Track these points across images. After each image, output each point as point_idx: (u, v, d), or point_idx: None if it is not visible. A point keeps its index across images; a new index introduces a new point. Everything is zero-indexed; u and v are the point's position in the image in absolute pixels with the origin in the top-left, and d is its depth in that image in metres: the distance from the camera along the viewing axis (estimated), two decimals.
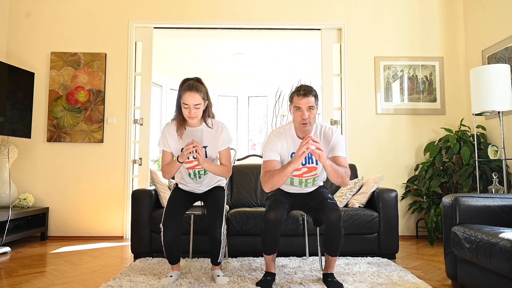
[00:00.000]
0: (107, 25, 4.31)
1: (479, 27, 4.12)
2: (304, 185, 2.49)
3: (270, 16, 4.36)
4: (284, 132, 2.44)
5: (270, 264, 2.43)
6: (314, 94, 2.34)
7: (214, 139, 2.52)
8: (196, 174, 2.57)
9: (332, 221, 2.24)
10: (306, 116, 2.29)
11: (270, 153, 2.40)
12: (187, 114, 2.41)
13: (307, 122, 2.30)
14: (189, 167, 2.55)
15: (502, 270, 1.81)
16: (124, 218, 4.14)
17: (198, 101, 2.39)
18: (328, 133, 2.42)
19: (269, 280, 2.35)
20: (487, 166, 3.71)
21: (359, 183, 3.42)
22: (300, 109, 2.31)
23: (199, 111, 2.43)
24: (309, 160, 2.41)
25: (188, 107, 2.39)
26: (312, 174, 2.45)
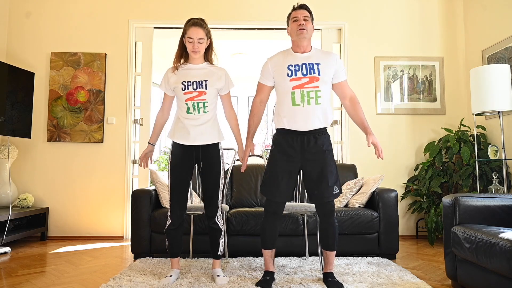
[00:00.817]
0: (107, 25, 4.31)
1: (479, 27, 4.12)
2: (307, 101, 2.32)
3: (270, 16, 4.36)
4: (280, 53, 2.49)
5: (269, 262, 2.44)
6: (309, 10, 2.42)
7: (216, 76, 2.55)
8: (195, 106, 2.48)
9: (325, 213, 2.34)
10: (303, 23, 2.35)
11: (262, 77, 2.51)
12: (191, 48, 2.46)
13: (304, 28, 2.34)
14: (188, 98, 2.47)
15: (502, 270, 1.81)
16: (124, 218, 4.14)
17: (202, 36, 2.46)
18: (330, 55, 2.44)
19: (268, 279, 2.35)
20: (487, 166, 3.71)
21: (359, 183, 3.42)
22: (297, 19, 2.37)
23: (202, 46, 2.49)
24: (310, 70, 2.35)
25: (192, 40, 2.45)
26: (314, 85, 2.33)
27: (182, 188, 2.47)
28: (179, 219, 2.47)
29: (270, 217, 2.37)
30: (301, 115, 2.33)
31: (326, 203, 2.33)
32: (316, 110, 2.33)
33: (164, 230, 2.50)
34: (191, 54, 2.51)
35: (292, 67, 2.36)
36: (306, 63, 2.36)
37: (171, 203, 2.47)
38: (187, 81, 2.49)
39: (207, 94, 2.48)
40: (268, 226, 2.39)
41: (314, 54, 2.41)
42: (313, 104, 2.32)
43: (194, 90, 2.48)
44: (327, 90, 2.40)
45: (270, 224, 2.38)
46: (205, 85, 2.49)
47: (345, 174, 3.66)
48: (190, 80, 2.49)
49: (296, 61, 2.38)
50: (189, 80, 2.49)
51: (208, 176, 2.50)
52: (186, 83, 2.48)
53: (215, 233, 2.49)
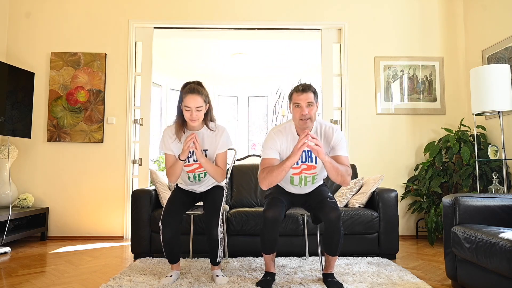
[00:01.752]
0: (107, 25, 4.31)
1: (479, 27, 4.12)
2: (304, 183, 2.47)
3: (270, 16, 4.36)
4: (284, 130, 2.42)
5: (270, 264, 2.43)
6: (313, 91, 2.33)
7: (215, 142, 2.52)
8: (196, 177, 2.58)
9: (331, 220, 2.24)
10: (306, 112, 2.28)
11: (269, 151, 2.38)
12: (189, 116, 2.41)
13: (307, 119, 2.29)
14: (189, 170, 2.55)
15: (502, 270, 1.81)
16: (124, 218, 4.14)
17: (200, 104, 2.39)
18: (328, 132, 2.40)
19: (269, 280, 2.35)
20: (487, 166, 3.71)
21: (359, 183, 3.42)
22: (299, 106, 2.30)
23: (201, 113, 2.43)
24: (309, 158, 2.40)
25: (190, 109, 2.39)
26: (312, 172, 2.43)
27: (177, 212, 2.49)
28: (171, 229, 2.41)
29: (270, 225, 2.30)
30: (298, 190, 2.54)
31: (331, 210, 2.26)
32: (313, 186, 2.54)
33: (161, 239, 2.43)
34: (189, 122, 2.46)
35: None
36: (305, 149, 2.33)
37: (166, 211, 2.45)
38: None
39: None
40: (267, 234, 2.32)
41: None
42: (310, 184, 2.51)
43: (195, 162, 2.52)
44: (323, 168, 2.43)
45: (269, 231, 2.31)
46: (205, 155, 2.51)
47: None
48: (190, 151, 2.45)
49: None
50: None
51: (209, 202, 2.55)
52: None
53: (213, 244, 2.45)
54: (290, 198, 2.52)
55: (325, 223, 2.29)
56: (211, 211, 2.47)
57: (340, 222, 2.27)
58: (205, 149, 2.52)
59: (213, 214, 2.44)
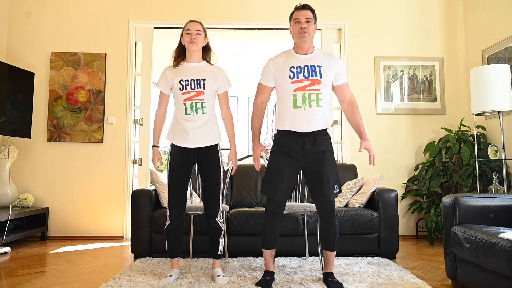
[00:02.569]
0: (107, 25, 4.31)
1: (479, 27, 4.12)
2: (308, 103, 2.33)
3: (270, 16, 4.36)
4: (281, 53, 2.48)
5: (269, 262, 2.44)
6: (312, 10, 2.41)
7: (214, 75, 2.54)
8: (193, 107, 2.47)
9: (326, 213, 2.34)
10: (304, 26, 2.34)
11: (263, 78, 2.50)
12: (189, 40, 2.47)
13: (305, 32, 2.34)
14: (186, 98, 2.46)
15: (502, 270, 1.81)
16: (124, 218, 4.14)
17: (199, 28, 2.50)
18: (331, 57, 2.43)
19: (268, 279, 2.35)
20: (487, 166, 3.71)
21: (359, 183, 3.42)
22: (299, 21, 2.37)
23: (200, 38, 2.49)
24: (312, 73, 2.36)
25: (190, 32, 2.47)
26: (315, 88, 2.34)
27: (180, 189, 2.47)
28: (178, 219, 2.46)
29: (270, 218, 2.38)
30: (302, 117, 2.34)
31: (327, 203, 2.34)
32: (317, 112, 2.35)
33: (164, 230, 2.50)
34: (189, 47, 2.49)
35: (294, 69, 2.36)
36: (308, 65, 2.36)
37: (170, 203, 2.47)
38: (185, 79, 2.47)
39: (205, 94, 2.47)
40: (268, 226, 2.39)
41: (316, 55, 2.40)
42: (314, 106, 2.34)
43: (192, 90, 2.47)
44: (328, 92, 2.41)
45: (270, 224, 2.38)
46: (203, 84, 2.48)
47: (345, 174, 3.66)
48: (187, 79, 2.47)
49: (298, 63, 2.37)
50: (186, 78, 2.47)
51: (208, 177, 2.50)
52: (184, 82, 2.46)
53: (215, 233, 2.49)
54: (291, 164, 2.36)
55: (320, 217, 2.39)
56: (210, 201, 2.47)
57: (334, 216, 2.36)
58: (203, 79, 2.49)
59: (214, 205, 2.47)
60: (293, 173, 2.36)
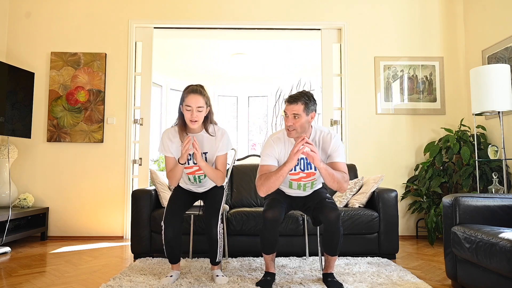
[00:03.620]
0: (107, 25, 4.31)
1: (479, 27, 4.12)
2: (303, 189, 2.51)
3: (270, 16, 4.36)
4: (283, 137, 2.43)
5: (270, 264, 2.43)
6: (304, 101, 2.27)
7: (215, 144, 2.51)
8: (196, 178, 2.58)
9: (331, 221, 2.25)
10: (290, 123, 2.29)
11: (267, 158, 2.39)
12: (189, 117, 2.38)
13: (292, 130, 2.31)
14: (189, 172, 2.55)
15: (502, 270, 1.81)
16: (124, 218, 4.14)
17: (201, 104, 2.38)
18: (326, 139, 2.39)
19: (269, 280, 2.35)
20: (487, 166, 3.71)
21: (359, 183, 3.42)
22: (287, 116, 2.33)
23: (201, 114, 2.40)
24: (308, 166, 2.41)
25: (191, 109, 2.37)
26: (311, 179, 2.46)
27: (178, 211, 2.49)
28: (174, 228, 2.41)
29: (269, 225, 2.30)
30: (297, 193, 2.56)
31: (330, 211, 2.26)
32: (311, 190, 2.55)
33: (163, 239, 2.43)
34: (189, 125, 2.42)
35: None
36: (304, 157, 2.36)
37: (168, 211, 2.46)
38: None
39: None
40: (267, 234, 2.33)
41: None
42: (308, 189, 2.54)
43: (195, 165, 2.51)
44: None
45: (269, 232, 2.32)
46: (205, 157, 2.52)
47: None
48: (190, 153, 2.46)
49: None
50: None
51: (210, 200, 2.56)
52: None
53: (213, 244, 2.46)
54: (289, 201, 2.53)
55: (324, 224, 2.29)
56: (211, 210, 2.47)
57: (340, 222, 2.27)
58: (204, 152, 2.51)
59: (213, 214, 2.44)
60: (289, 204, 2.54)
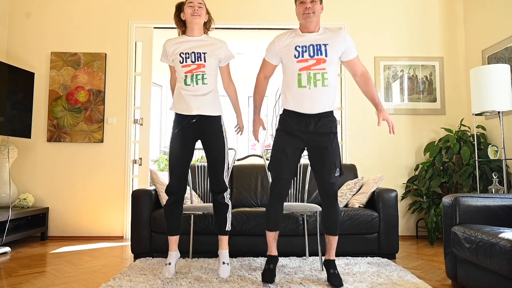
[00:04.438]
0: (107, 25, 4.31)
1: (479, 27, 4.12)
2: (313, 83, 2.32)
3: (270, 16, 4.36)
4: (287, 32, 2.47)
5: (272, 244, 2.46)
6: None
7: (215, 48, 2.52)
8: (193, 78, 2.46)
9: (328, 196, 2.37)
10: (309, 6, 2.32)
11: (268, 54, 2.50)
12: (191, 12, 2.45)
13: (310, 12, 2.32)
14: (187, 70, 2.46)
15: (502, 270, 1.81)
16: (124, 218, 4.14)
17: (201, 1, 2.49)
18: (339, 32, 2.41)
19: (271, 268, 2.38)
20: (487, 166, 3.71)
21: (359, 183, 3.42)
22: (303, 1, 2.35)
23: (202, 11, 2.48)
24: (318, 52, 2.34)
25: (193, 5, 2.45)
26: (321, 67, 2.33)
27: (180, 161, 2.44)
28: (176, 195, 2.43)
29: (275, 200, 2.40)
30: (307, 98, 2.34)
31: (328, 186, 2.35)
32: (322, 93, 2.34)
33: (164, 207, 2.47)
34: (191, 20, 2.47)
35: (299, 48, 2.36)
36: (313, 44, 2.35)
37: (169, 176, 2.46)
38: (185, 52, 2.46)
39: (205, 67, 2.46)
40: (273, 208, 2.41)
41: (322, 34, 2.39)
42: (320, 86, 2.33)
43: (193, 63, 2.46)
44: (334, 72, 2.40)
45: (275, 206, 2.41)
46: (204, 57, 2.47)
47: (345, 174, 3.66)
48: (188, 52, 2.46)
49: (304, 42, 2.37)
50: (187, 51, 2.46)
51: (211, 150, 2.48)
52: (184, 55, 2.46)
53: (223, 208, 2.46)
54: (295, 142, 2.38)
55: (322, 201, 2.41)
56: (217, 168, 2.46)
57: (336, 200, 2.38)
58: (204, 52, 2.48)
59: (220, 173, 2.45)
60: (297, 151, 2.41)
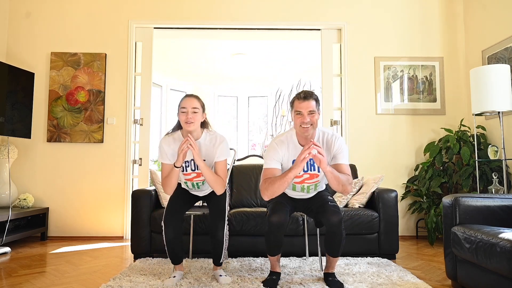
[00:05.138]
0: (107, 25, 4.31)
1: (479, 27, 4.12)
2: (306, 191, 2.49)
3: (270, 16, 4.36)
4: (286, 140, 2.41)
5: (275, 264, 2.44)
6: (315, 98, 2.33)
7: (213, 150, 2.47)
8: (194, 185, 2.57)
9: (333, 224, 2.25)
10: (307, 120, 2.28)
11: (271, 161, 2.37)
12: (184, 119, 2.35)
13: (308, 126, 2.29)
14: (188, 179, 2.53)
15: (502, 270, 1.81)
16: (124, 218, 4.14)
17: (196, 105, 2.37)
18: (330, 140, 2.39)
19: (274, 279, 2.37)
20: (487, 166, 3.71)
21: (359, 183, 3.42)
22: (301, 114, 2.29)
23: (197, 116, 2.38)
24: (311, 167, 2.39)
25: (186, 110, 2.35)
26: (314, 180, 2.44)
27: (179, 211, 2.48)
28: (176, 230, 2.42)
29: (275, 229, 2.29)
30: (300, 195, 2.54)
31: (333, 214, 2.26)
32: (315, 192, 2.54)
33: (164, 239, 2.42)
34: (185, 127, 2.37)
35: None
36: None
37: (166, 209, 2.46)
38: (185, 160, 2.44)
39: None
40: (273, 237, 2.32)
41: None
42: (312, 191, 2.52)
43: (193, 171, 2.49)
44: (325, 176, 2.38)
45: (275, 235, 2.31)
46: None
47: None
48: (187, 159, 2.45)
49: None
50: (186, 159, 2.43)
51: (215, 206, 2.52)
52: (184, 164, 2.46)
53: (218, 245, 2.45)
54: (292, 203, 2.52)
55: (326, 227, 2.29)
56: (217, 214, 2.46)
57: (342, 226, 2.27)
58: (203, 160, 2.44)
59: (220, 217, 2.44)
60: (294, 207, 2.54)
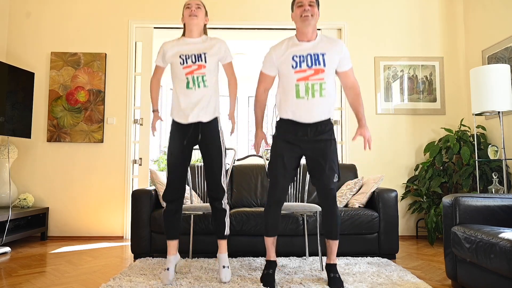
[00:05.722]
0: (107, 25, 4.31)
1: (479, 27, 4.12)
2: (311, 93, 2.30)
3: (270, 16, 4.36)
4: (284, 41, 2.44)
5: (271, 249, 2.45)
6: None
7: (215, 48, 2.50)
8: (195, 80, 2.44)
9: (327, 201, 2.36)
10: (307, 8, 2.30)
11: (265, 67, 2.48)
12: (188, 13, 2.47)
13: (308, 14, 2.29)
14: (188, 72, 2.44)
15: (502, 270, 1.81)
16: (124, 218, 4.14)
17: (199, 3, 2.51)
18: (335, 40, 2.40)
19: (271, 273, 2.37)
20: (487, 166, 3.71)
21: (359, 183, 3.42)
22: (302, 4, 2.32)
23: (200, 11, 2.49)
24: (316, 62, 2.31)
25: (190, 6, 2.48)
26: (319, 77, 2.30)
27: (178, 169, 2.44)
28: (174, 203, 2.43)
29: (273, 206, 2.39)
30: (305, 108, 2.32)
31: (327, 192, 2.34)
32: (320, 102, 2.32)
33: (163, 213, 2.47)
34: (189, 21, 2.48)
35: (297, 58, 2.32)
36: (311, 53, 2.32)
37: (167, 182, 2.46)
38: (185, 54, 2.45)
39: (206, 68, 2.44)
40: (271, 214, 2.41)
41: (319, 42, 2.36)
42: (318, 97, 2.31)
43: (193, 64, 2.44)
44: (332, 81, 2.37)
45: (273, 212, 2.40)
46: (204, 57, 2.45)
47: (345, 174, 3.66)
48: (188, 54, 2.46)
49: (301, 51, 2.33)
50: (187, 53, 2.45)
51: (209, 153, 2.45)
52: (184, 57, 2.45)
53: (220, 214, 2.45)
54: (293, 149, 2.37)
55: (321, 206, 2.40)
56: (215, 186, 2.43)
57: (336, 205, 2.37)
58: (204, 52, 2.46)
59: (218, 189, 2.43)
60: (294, 158, 2.39)
